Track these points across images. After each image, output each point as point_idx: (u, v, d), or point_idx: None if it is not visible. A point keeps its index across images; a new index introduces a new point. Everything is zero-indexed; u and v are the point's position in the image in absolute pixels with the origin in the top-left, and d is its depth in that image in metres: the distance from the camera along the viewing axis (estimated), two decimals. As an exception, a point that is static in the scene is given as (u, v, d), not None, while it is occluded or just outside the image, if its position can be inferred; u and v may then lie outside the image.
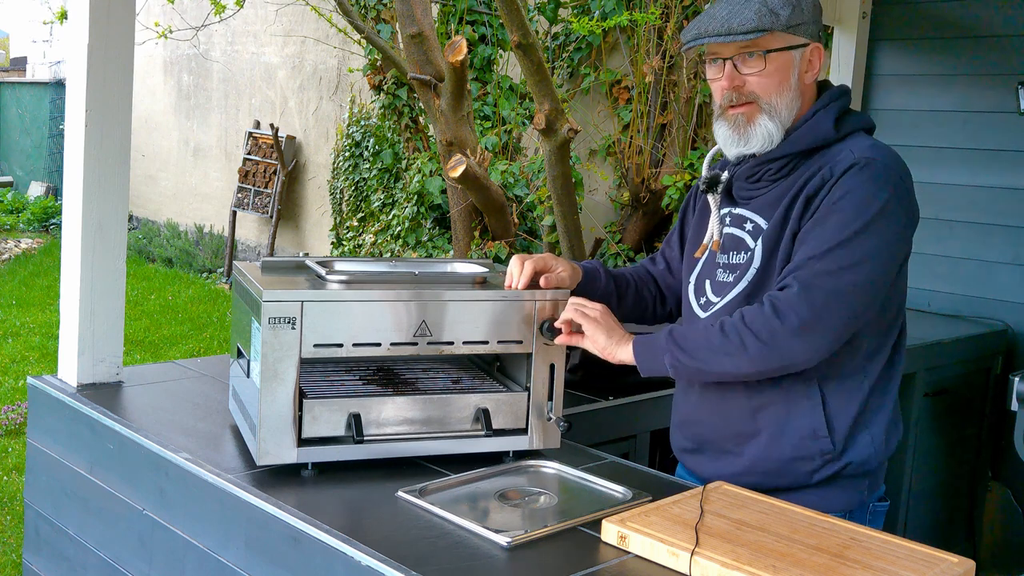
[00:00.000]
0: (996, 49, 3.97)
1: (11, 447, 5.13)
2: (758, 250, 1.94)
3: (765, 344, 1.81)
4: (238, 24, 10.31)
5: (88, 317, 2.36)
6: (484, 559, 1.57)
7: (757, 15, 1.87)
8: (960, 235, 4.01)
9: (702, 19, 1.92)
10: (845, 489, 1.95)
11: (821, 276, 1.81)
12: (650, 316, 2.31)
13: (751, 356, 1.82)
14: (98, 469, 2.18)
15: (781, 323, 1.80)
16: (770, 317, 1.81)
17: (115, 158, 2.36)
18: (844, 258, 1.81)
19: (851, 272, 1.81)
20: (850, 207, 1.83)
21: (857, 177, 1.85)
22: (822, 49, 1.96)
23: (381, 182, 8.04)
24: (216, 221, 11.00)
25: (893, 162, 1.89)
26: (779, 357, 1.83)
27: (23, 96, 14.31)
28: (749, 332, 1.82)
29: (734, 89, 1.93)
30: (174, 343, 7.50)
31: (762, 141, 1.93)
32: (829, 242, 1.82)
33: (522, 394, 1.99)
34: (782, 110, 1.93)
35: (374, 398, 1.91)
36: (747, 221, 1.99)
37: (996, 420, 4.01)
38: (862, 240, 1.82)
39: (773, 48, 1.90)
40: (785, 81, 1.92)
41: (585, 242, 5.86)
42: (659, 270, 2.29)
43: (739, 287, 1.96)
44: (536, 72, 5.08)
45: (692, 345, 1.87)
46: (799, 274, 1.83)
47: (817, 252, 1.82)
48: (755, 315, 1.83)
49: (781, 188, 1.95)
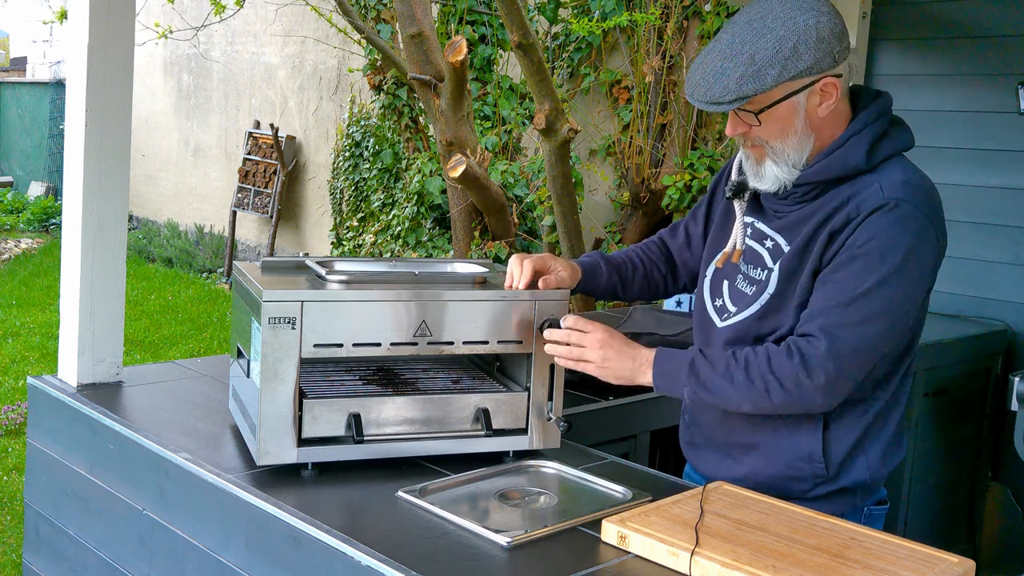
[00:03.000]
0: (996, 49, 3.97)
1: (11, 447, 5.13)
2: (775, 275, 1.91)
3: (789, 394, 1.80)
4: (238, 24, 10.31)
5: (88, 317, 2.35)
6: (484, 559, 1.57)
7: (738, 82, 1.77)
8: (960, 235, 4.00)
9: (692, 75, 1.85)
10: (835, 502, 1.94)
11: (847, 329, 1.77)
12: (661, 294, 2.29)
13: (773, 403, 1.82)
14: (98, 469, 2.18)
15: (809, 379, 1.78)
16: (798, 369, 1.78)
17: (115, 158, 2.36)
18: (869, 308, 1.77)
19: (876, 322, 1.78)
20: (875, 253, 1.78)
21: (883, 220, 1.79)
22: (838, 80, 1.83)
23: (381, 182, 8.04)
24: (216, 221, 11.00)
25: (922, 201, 1.82)
26: (801, 407, 1.83)
27: (23, 96, 14.31)
28: (775, 379, 1.80)
29: (739, 135, 1.89)
30: (174, 343, 7.50)
31: (772, 182, 1.89)
32: (854, 290, 1.78)
33: (522, 394, 1.99)
34: (790, 153, 1.86)
35: (374, 398, 1.91)
36: (767, 239, 1.96)
37: (996, 420, 4.01)
38: (887, 289, 1.78)
39: (766, 106, 1.81)
40: (788, 127, 1.84)
41: (585, 242, 5.86)
42: (678, 243, 2.25)
43: (753, 308, 1.93)
44: (536, 72, 5.08)
45: (714, 384, 1.84)
46: (825, 324, 1.79)
47: (842, 300, 1.78)
48: (782, 363, 1.80)
49: (805, 211, 1.90)
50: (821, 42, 1.78)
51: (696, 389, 1.85)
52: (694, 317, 2.12)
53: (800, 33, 1.77)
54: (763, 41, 1.77)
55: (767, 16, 1.80)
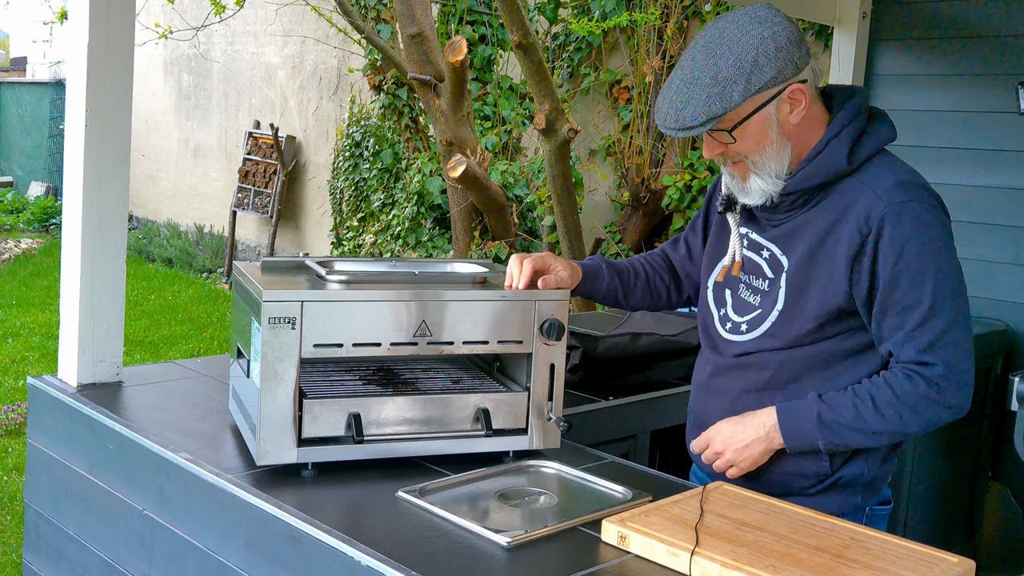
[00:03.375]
0: (996, 49, 3.97)
1: (11, 447, 5.13)
2: (782, 291, 1.92)
3: (921, 415, 1.85)
4: (238, 24, 10.32)
5: (88, 317, 2.35)
6: (484, 559, 1.57)
7: (706, 104, 1.79)
8: (960, 235, 3.96)
9: (660, 104, 1.86)
10: (835, 498, 1.95)
11: (945, 341, 1.82)
12: (664, 305, 2.29)
13: (909, 429, 1.87)
14: (98, 469, 2.18)
15: (939, 395, 1.83)
16: (925, 392, 1.83)
17: (115, 158, 2.36)
18: (945, 313, 1.82)
19: (957, 319, 1.83)
20: (914, 260, 1.81)
21: (899, 232, 1.81)
22: (804, 86, 1.84)
23: (381, 182, 8.04)
24: (216, 221, 11.01)
25: (919, 193, 1.85)
26: (932, 424, 1.88)
27: (23, 96, 14.32)
28: (906, 407, 1.84)
29: (718, 155, 1.91)
30: (174, 343, 7.50)
31: (759, 196, 1.90)
32: (919, 306, 1.82)
33: (522, 394, 1.99)
34: (771, 165, 1.88)
35: (374, 398, 1.90)
36: (764, 248, 1.97)
37: (996, 420, 4.01)
38: (944, 285, 1.82)
39: (737, 122, 1.83)
40: (764, 139, 1.86)
41: (585, 242, 5.86)
42: (679, 255, 2.26)
43: (764, 326, 1.95)
44: (536, 72, 5.08)
45: (848, 432, 1.87)
46: (919, 346, 1.83)
47: (915, 321, 1.82)
48: (908, 391, 1.83)
49: (799, 221, 1.91)
50: (780, 51, 1.80)
51: (830, 439, 1.88)
52: (699, 326, 2.13)
53: (758, 46, 1.79)
54: (723, 60, 1.79)
55: (722, 37, 1.82)
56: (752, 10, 1.85)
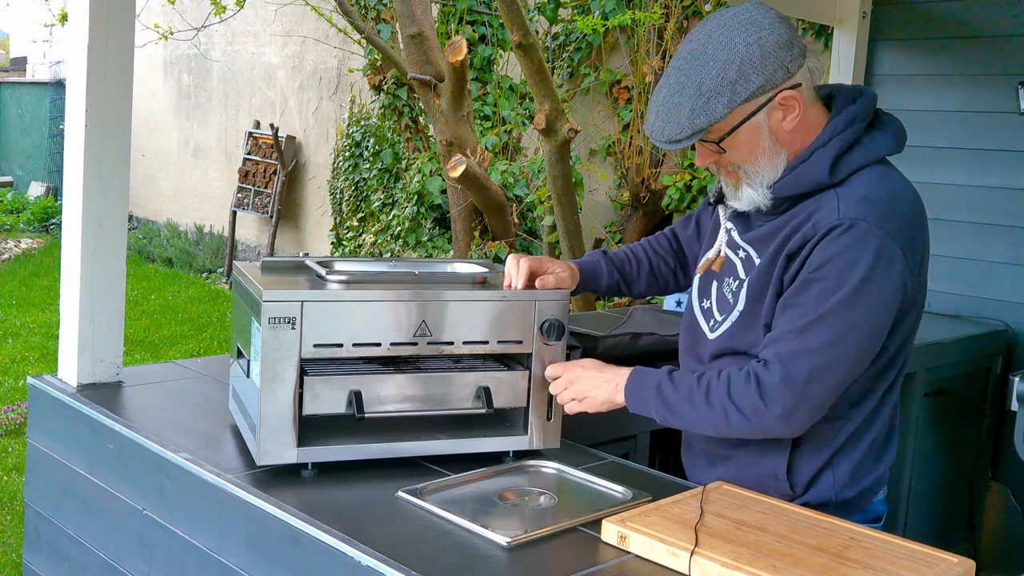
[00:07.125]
0: (996, 49, 3.97)
1: (11, 447, 5.13)
2: (743, 294, 1.89)
3: (748, 420, 1.78)
4: (238, 24, 10.32)
5: (88, 317, 2.35)
6: (484, 559, 1.57)
7: (690, 117, 1.74)
8: (960, 235, 4.01)
9: (649, 114, 1.81)
10: None
11: (801, 357, 1.73)
12: (672, 288, 2.27)
13: (733, 428, 1.81)
14: (98, 469, 2.18)
15: (766, 407, 1.75)
16: (755, 398, 1.75)
17: (115, 158, 2.36)
18: (824, 334, 1.72)
19: (834, 348, 1.73)
20: (832, 276, 1.72)
21: (838, 242, 1.73)
22: (796, 91, 1.77)
23: (381, 182, 8.04)
24: (216, 221, 11.01)
25: (883, 217, 1.74)
26: (761, 433, 1.82)
27: (23, 96, 14.32)
28: (733, 407, 1.78)
29: (711, 163, 1.88)
30: (174, 343, 7.50)
31: (748, 204, 1.87)
32: (808, 315, 1.73)
33: (523, 372, 1.99)
34: (764, 173, 1.83)
35: (375, 375, 1.90)
36: (740, 249, 1.94)
37: (996, 420, 4.01)
38: (845, 312, 1.72)
39: (725, 133, 1.78)
40: (755, 148, 1.81)
41: (585, 242, 5.86)
42: (688, 234, 2.23)
43: (726, 325, 1.92)
44: (536, 72, 5.09)
45: (678, 408, 1.84)
46: (779, 352, 1.75)
47: (797, 327, 1.74)
48: (741, 390, 1.77)
49: (774, 225, 1.87)
50: (767, 57, 1.73)
51: (663, 412, 1.86)
52: (684, 315, 2.10)
53: (742, 54, 1.72)
54: (707, 70, 1.74)
55: (708, 43, 1.75)
56: (740, 11, 1.77)
